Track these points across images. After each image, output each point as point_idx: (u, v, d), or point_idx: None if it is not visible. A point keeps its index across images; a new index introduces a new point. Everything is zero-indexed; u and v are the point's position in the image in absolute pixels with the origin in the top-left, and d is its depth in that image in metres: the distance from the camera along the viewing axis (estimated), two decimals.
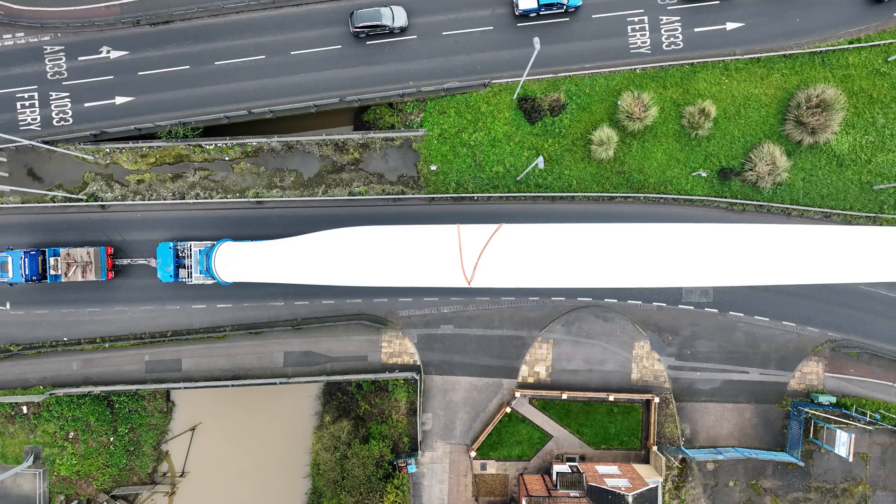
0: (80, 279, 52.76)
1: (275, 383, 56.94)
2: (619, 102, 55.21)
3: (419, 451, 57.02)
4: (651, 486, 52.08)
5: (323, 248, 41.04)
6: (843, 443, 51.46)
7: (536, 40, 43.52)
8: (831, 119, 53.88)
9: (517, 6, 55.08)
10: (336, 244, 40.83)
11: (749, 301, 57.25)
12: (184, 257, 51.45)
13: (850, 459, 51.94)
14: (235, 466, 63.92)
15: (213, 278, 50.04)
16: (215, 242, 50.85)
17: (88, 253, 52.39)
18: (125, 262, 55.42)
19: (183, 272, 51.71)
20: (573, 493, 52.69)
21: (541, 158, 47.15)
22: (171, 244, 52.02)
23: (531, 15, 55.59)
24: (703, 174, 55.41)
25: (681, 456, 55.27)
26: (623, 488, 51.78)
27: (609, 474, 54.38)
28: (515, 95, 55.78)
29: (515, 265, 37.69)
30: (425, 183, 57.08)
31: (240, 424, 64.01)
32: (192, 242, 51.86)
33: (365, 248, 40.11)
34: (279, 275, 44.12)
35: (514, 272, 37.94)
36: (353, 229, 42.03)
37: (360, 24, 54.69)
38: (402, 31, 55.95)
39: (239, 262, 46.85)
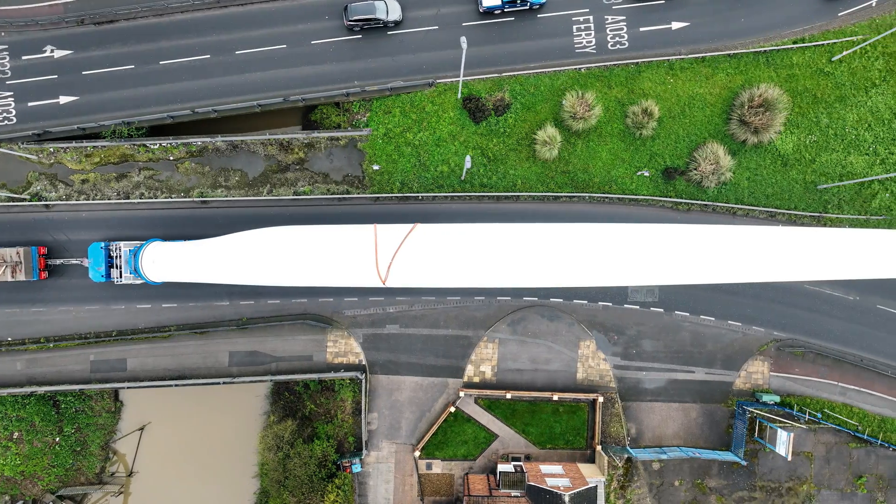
0: (9, 279, 52.55)
1: (219, 383, 56.85)
2: (563, 102, 55.16)
3: (364, 451, 56.93)
4: (590, 485, 52.07)
5: (244, 248, 40.98)
6: (782, 442, 51.51)
7: (463, 40, 43.47)
8: (774, 119, 53.90)
9: (480, 3, 54.84)
10: (257, 244, 40.78)
11: (695, 301, 57.28)
12: (115, 257, 51.34)
13: (790, 458, 52.06)
14: (185, 466, 63.70)
15: (142, 278, 49.91)
16: (144, 242, 50.72)
17: (18, 253, 52.16)
18: (58, 261, 55.26)
19: (115, 272, 51.56)
20: (514, 493, 52.71)
21: (468, 159, 47.07)
22: (103, 244, 51.85)
23: (495, 12, 55.40)
24: (646, 174, 55.45)
25: (626, 455, 55.30)
26: (562, 487, 51.76)
27: (552, 474, 54.35)
28: (459, 95, 55.69)
29: (430, 265, 37.64)
30: (370, 182, 56.99)
31: (190, 424, 63.82)
32: (122, 242, 51.75)
33: (285, 247, 40.07)
34: (203, 274, 44.07)
35: (429, 272, 37.89)
36: (274, 229, 41.97)
37: (354, 18, 54.57)
38: (397, 24, 55.60)
39: (165, 261, 46.78)
